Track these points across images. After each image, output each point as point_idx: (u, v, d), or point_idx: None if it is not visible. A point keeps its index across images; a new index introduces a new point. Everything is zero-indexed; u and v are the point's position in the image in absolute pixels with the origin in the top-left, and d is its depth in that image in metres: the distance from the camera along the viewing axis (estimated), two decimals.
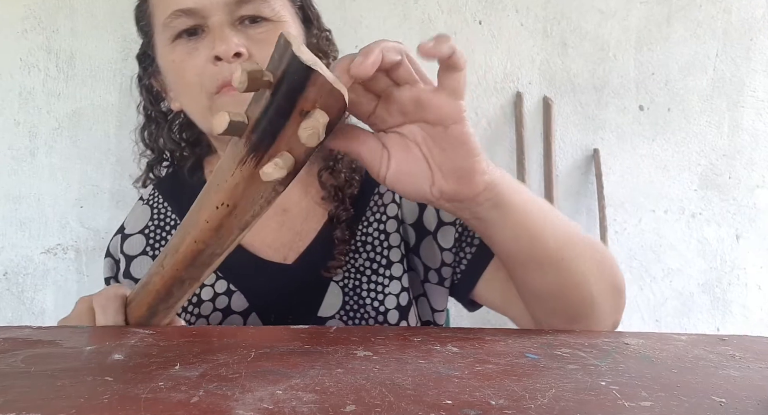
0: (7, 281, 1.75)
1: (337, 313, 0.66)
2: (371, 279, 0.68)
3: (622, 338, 0.53)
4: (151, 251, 0.71)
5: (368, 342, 0.47)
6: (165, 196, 0.76)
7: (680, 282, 1.85)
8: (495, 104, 1.80)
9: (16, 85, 1.72)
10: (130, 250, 0.73)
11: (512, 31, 1.79)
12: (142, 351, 0.43)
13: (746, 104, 1.85)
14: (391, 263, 0.68)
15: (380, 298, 0.67)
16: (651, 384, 0.39)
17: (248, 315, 0.66)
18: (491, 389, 0.37)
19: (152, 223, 0.73)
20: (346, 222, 0.68)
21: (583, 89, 1.82)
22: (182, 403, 0.33)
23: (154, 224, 0.73)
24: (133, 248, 0.73)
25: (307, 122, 0.38)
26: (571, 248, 0.54)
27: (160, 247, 0.72)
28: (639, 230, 1.84)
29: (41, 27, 1.72)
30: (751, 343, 0.54)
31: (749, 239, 1.86)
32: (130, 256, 0.72)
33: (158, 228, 0.72)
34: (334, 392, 0.35)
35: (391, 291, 0.67)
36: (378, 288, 0.67)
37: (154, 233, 0.72)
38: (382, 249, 0.69)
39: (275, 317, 0.67)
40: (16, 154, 1.73)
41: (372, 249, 0.69)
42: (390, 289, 0.67)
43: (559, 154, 1.81)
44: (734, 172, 1.85)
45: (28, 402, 0.32)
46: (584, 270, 0.55)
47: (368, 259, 0.69)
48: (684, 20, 1.82)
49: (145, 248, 0.72)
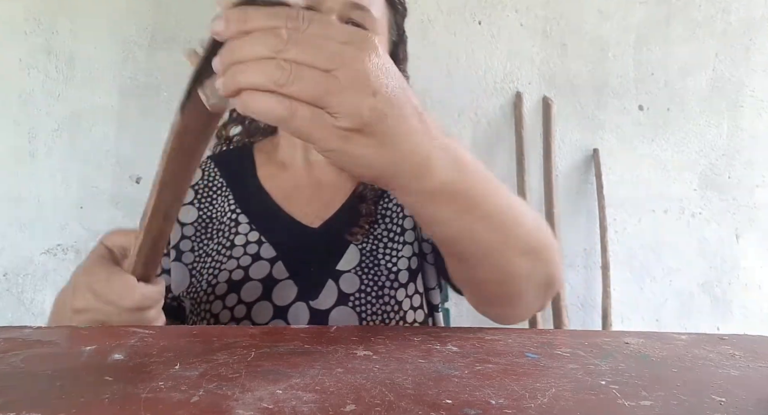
0: (7, 281, 1.75)
1: (353, 268, 0.73)
2: (387, 245, 0.76)
3: (623, 337, 0.53)
4: (197, 204, 0.80)
5: (368, 342, 0.47)
6: (216, 163, 0.84)
7: (680, 282, 1.85)
8: (495, 104, 1.80)
9: (15, 87, 1.73)
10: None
11: (512, 31, 1.80)
12: (142, 351, 0.43)
13: (745, 104, 1.85)
14: (404, 230, 0.77)
15: (393, 260, 0.75)
16: (651, 383, 0.39)
17: (275, 263, 0.73)
18: (491, 389, 0.37)
19: (202, 182, 0.82)
20: (372, 199, 0.78)
21: (583, 89, 1.82)
22: (182, 403, 0.33)
23: (204, 183, 0.82)
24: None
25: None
26: (504, 245, 0.48)
27: (207, 203, 0.80)
28: (639, 229, 1.84)
29: (41, 29, 1.73)
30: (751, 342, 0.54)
31: (749, 239, 1.86)
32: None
33: (206, 187, 0.81)
34: (334, 392, 0.35)
35: (403, 254, 0.75)
36: (392, 252, 0.75)
37: (202, 190, 0.81)
38: (398, 219, 0.78)
39: (299, 268, 0.73)
40: (16, 155, 1.73)
41: (390, 221, 0.78)
42: (403, 253, 0.75)
43: (558, 154, 1.81)
44: (734, 171, 1.86)
45: (28, 402, 0.32)
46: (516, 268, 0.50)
47: (386, 229, 0.77)
48: (683, 21, 1.83)
49: (192, 201, 0.80)
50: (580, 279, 1.82)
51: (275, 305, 0.71)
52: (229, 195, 0.79)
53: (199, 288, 0.72)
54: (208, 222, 0.78)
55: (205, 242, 0.77)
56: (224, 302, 0.70)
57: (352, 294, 0.72)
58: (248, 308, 0.70)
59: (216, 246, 0.76)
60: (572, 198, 1.83)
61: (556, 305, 1.70)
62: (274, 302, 0.71)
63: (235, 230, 0.76)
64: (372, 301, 0.72)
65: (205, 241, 0.77)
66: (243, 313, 0.70)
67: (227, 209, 0.78)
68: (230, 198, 0.79)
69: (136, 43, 1.70)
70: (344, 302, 0.72)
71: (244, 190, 0.80)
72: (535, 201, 1.78)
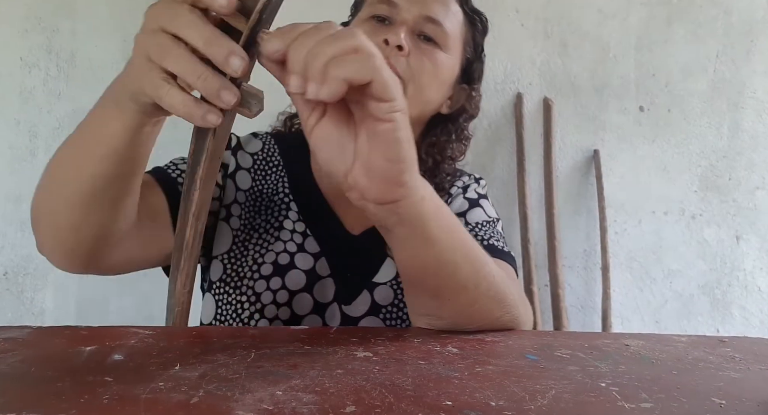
0: (7, 281, 1.75)
1: (390, 282, 0.74)
2: None
3: (622, 339, 0.53)
4: (253, 173, 0.79)
5: (368, 343, 0.47)
6: (277, 141, 0.84)
7: (680, 283, 1.85)
8: (495, 105, 1.80)
9: (16, 85, 1.72)
10: (241, 161, 0.80)
11: (512, 32, 1.79)
12: (142, 351, 0.42)
13: (746, 105, 1.85)
14: None
15: None
16: (651, 385, 0.39)
17: (318, 259, 0.74)
18: (491, 390, 0.37)
19: (261, 154, 0.82)
20: None
21: (584, 90, 1.82)
22: (182, 403, 0.33)
23: (262, 155, 0.81)
24: (244, 161, 0.80)
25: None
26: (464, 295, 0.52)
27: (261, 177, 0.80)
28: (639, 231, 1.84)
29: (42, 27, 1.72)
30: (751, 344, 0.54)
31: (749, 241, 1.86)
32: (239, 165, 0.79)
33: (263, 161, 0.81)
34: (334, 393, 0.35)
35: None
36: None
37: (260, 162, 0.81)
38: None
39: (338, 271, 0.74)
40: (17, 153, 1.73)
41: None
42: None
43: (559, 155, 1.81)
44: (734, 173, 1.85)
45: (28, 402, 0.32)
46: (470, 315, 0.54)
47: None
48: (684, 21, 1.82)
49: (249, 168, 0.79)
50: (579, 281, 1.82)
51: (315, 301, 0.72)
52: (285, 176, 0.79)
53: (244, 263, 0.73)
54: (258, 195, 0.78)
55: (253, 215, 0.76)
56: (268, 284, 0.71)
57: (384, 307, 0.73)
58: (291, 296, 0.71)
59: (263, 223, 0.76)
60: (572, 199, 1.83)
61: (556, 306, 1.70)
62: (315, 297, 0.72)
63: (285, 213, 0.76)
64: (403, 316, 0.73)
65: (253, 213, 0.76)
66: (285, 299, 0.70)
67: (280, 190, 0.78)
68: (285, 179, 0.79)
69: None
70: (376, 312, 0.73)
71: (298, 177, 0.79)
72: (535, 202, 1.78)
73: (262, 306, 0.70)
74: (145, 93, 0.42)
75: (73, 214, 0.53)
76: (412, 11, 0.73)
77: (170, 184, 0.69)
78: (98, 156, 0.49)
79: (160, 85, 0.40)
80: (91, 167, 0.50)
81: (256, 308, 0.70)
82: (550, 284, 1.72)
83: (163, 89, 0.40)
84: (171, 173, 0.70)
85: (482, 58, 0.85)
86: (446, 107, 0.82)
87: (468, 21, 0.80)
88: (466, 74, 0.83)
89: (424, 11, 0.74)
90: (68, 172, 0.52)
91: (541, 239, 1.76)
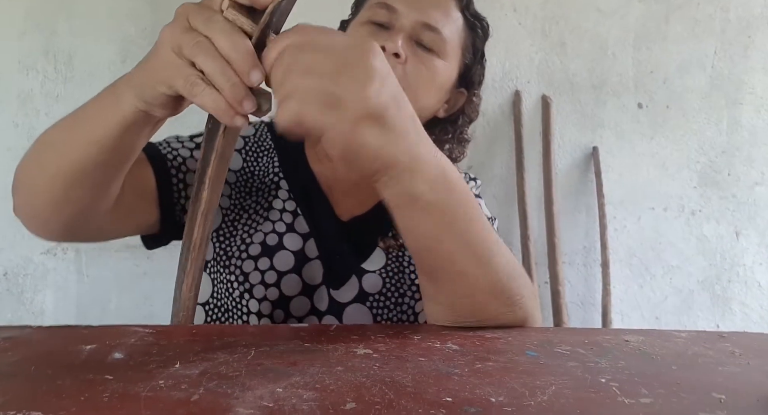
0: (6, 281, 1.75)
1: (379, 270, 0.74)
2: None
3: (622, 335, 0.53)
4: (244, 154, 0.79)
5: (368, 340, 0.47)
6: (269, 128, 0.84)
7: (680, 279, 1.85)
8: (494, 103, 1.80)
9: (14, 87, 1.72)
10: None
11: (510, 30, 1.79)
12: (142, 350, 0.43)
13: (745, 101, 1.85)
14: None
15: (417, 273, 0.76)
16: (651, 381, 0.39)
17: (307, 240, 0.74)
18: (491, 387, 0.37)
19: (253, 138, 0.82)
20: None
21: (582, 88, 1.82)
22: (182, 401, 0.33)
23: (254, 139, 0.82)
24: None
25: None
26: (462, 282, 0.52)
27: (252, 159, 0.80)
28: (638, 227, 1.84)
29: (40, 29, 1.72)
30: (751, 340, 0.54)
31: (749, 236, 1.86)
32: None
33: (255, 144, 0.81)
34: (334, 390, 0.35)
35: None
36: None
37: (251, 144, 0.81)
38: None
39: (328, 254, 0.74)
40: (15, 155, 1.72)
41: None
42: None
43: (558, 152, 1.81)
44: (733, 169, 1.86)
45: (28, 402, 0.32)
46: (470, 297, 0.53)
47: None
48: (682, 18, 1.82)
49: (240, 149, 0.79)
50: (579, 277, 1.82)
51: (304, 282, 0.72)
52: (275, 157, 0.80)
53: (233, 243, 0.73)
54: (249, 176, 0.78)
55: (243, 196, 0.77)
56: (256, 264, 0.71)
57: (372, 295, 0.72)
58: (279, 277, 0.70)
59: (253, 204, 0.76)
60: (572, 196, 1.83)
61: (556, 303, 1.70)
62: (304, 278, 0.72)
63: (275, 193, 0.76)
64: (390, 306, 0.73)
65: (243, 194, 0.77)
66: (273, 280, 0.70)
67: (270, 171, 0.78)
68: (275, 160, 0.79)
69: (134, 43, 1.70)
70: (363, 300, 0.72)
71: (291, 160, 0.80)
72: (534, 199, 1.78)
73: (250, 286, 0.70)
74: (172, 85, 0.44)
75: (54, 191, 0.55)
76: (410, 17, 0.73)
77: (160, 160, 0.70)
78: (86, 142, 0.51)
79: (196, 83, 0.42)
80: (77, 151, 0.52)
81: (245, 287, 0.70)
82: (550, 280, 1.72)
83: (199, 87, 0.42)
84: (162, 150, 0.71)
85: (482, 62, 0.85)
86: (443, 111, 0.83)
87: (468, 26, 0.80)
88: (465, 79, 0.83)
89: (423, 18, 0.73)
90: (55, 151, 0.54)
91: (540, 236, 1.76)
